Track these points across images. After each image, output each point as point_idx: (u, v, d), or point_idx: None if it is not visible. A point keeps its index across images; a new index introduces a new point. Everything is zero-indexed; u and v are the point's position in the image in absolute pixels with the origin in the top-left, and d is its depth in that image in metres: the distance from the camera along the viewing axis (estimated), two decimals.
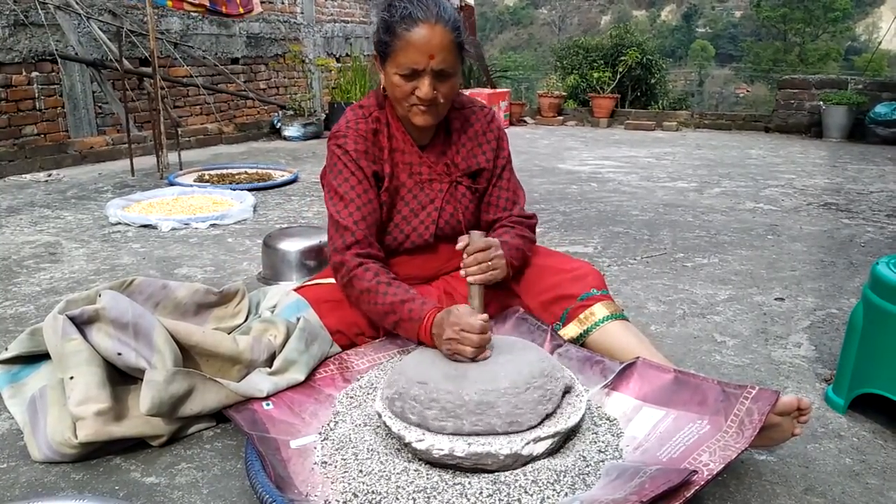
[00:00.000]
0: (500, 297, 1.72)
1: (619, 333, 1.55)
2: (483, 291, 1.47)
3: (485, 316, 1.35)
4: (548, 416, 1.25)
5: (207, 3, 4.74)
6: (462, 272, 1.47)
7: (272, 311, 1.73)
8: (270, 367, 1.50)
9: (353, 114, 1.66)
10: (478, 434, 1.20)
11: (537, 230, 1.82)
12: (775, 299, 2.33)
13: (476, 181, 1.72)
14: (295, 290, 1.77)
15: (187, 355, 1.48)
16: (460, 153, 1.70)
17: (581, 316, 1.58)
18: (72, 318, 1.40)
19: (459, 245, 1.46)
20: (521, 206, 1.76)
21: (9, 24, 4.71)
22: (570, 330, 1.59)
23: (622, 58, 9.06)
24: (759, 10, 35.11)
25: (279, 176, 4.60)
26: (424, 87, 1.49)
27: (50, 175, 4.67)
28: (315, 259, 2.44)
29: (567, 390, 1.33)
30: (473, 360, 1.32)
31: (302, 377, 1.49)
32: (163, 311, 1.71)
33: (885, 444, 1.43)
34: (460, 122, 1.70)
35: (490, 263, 1.47)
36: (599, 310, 1.58)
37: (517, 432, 1.21)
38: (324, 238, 2.47)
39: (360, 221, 1.57)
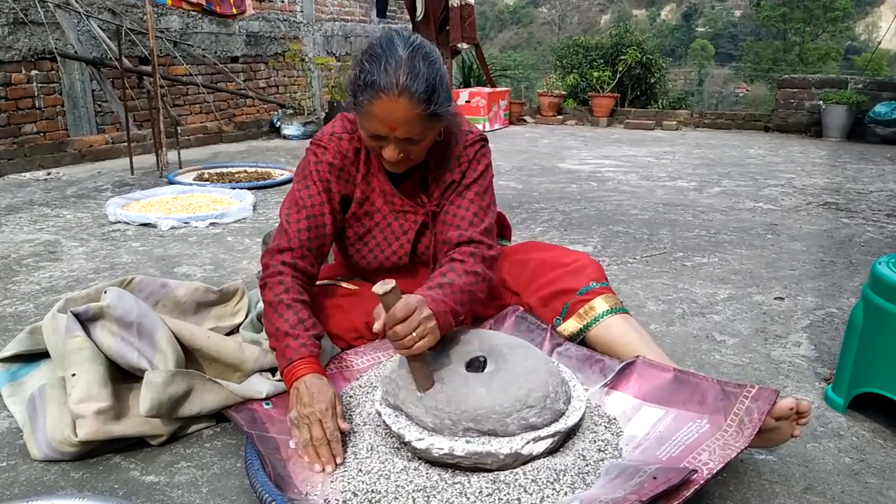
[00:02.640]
0: (499, 297, 1.72)
1: (620, 328, 1.54)
2: (422, 361, 1.26)
3: (346, 427, 1.27)
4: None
5: (204, 3, 4.74)
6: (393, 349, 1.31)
7: None
8: (272, 374, 1.50)
9: (342, 126, 1.58)
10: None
11: (536, 230, 1.81)
12: (775, 298, 2.33)
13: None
14: None
15: (190, 356, 1.48)
16: (436, 182, 1.59)
17: (581, 311, 1.58)
18: (76, 315, 1.40)
19: (375, 327, 1.23)
20: (484, 229, 1.54)
21: (8, 23, 4.70)
22: (571, 325, 1.59)
23: (622, 57, 9.07)
24: (759, 9, 35.11)
25: (279, 175, 4.60)
26: (388, 152, 1.40)
27: (49, 173, 4.67)
28: None
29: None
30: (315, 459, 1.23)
31: None
32: (162, 309, 1.71)
33: (885, 444, 1.43)
34: (440, 150, 1.57)
35: (416, 333, 1.22)
36: (599, 304, 1.57)
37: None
38: None
39: (304, 231, 1.50)
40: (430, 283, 1.42)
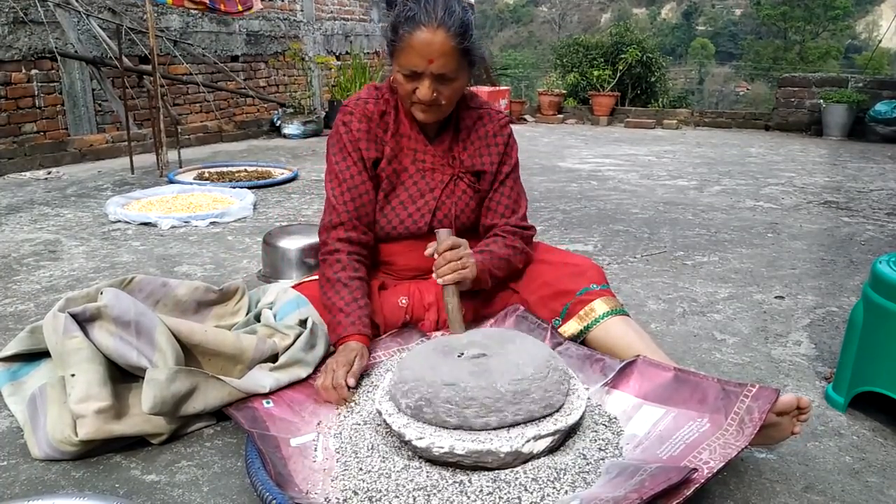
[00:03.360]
0: (499, 295, 1.72)
1: (620, 330, 1.54)
2: (457, 293, 1.48)
3: (351, 382, 1.42)
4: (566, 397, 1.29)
5: (207, 1, 4.73)
6: (434, 275, 1.49)
7: (271, 308, 1.73)
8: (273, 362, 1.50)
9: (367, 92, 1.68)
10: (518, 424, 1.22)
11: (537, 229, 1.82)
12: (775, 297, 2.33)
13: (478, 182, 1.71)
14: (293, 287, 1.76)
15: (189, 354, 1.48)
16: (467, 150, 1.69)
17: (581, 312, 1.58)
18: (74, 316, 1.40)
19: (428, 251, 1.48)
20: (521, 215, 1.73)
21: (8, 22, 4.70)
22: (570, 326, 1.59)
23: (622, 56, 9.06)
24: (760, 8, 35.08)
25: (279, 174, 4.60)
26: (423, 89, 1.50)
27: (49, 173, 4.67)
28: (315, 257, 2.43)
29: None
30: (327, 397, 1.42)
31: (305, 374, 1.49)
32: (163, 308, 1.71)
33: (885, 443, 1.43)
34: (472, 121, 1.70)
35: (459, 262, 1.48)
36: (599, 306, 1.57)
37: (550, 415, 1.24)
38: None
39: (349, 202, 1.62)
40: (475, 249, 1.60)
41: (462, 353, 1.34)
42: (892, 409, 1.51)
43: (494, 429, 1.21)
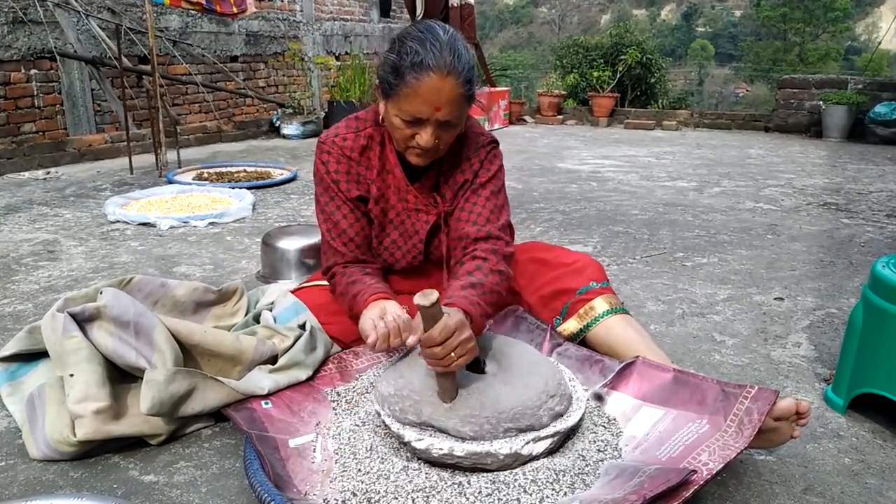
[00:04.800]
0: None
1: (620, 328, 1.54)
2: (454, 375, 1.23)
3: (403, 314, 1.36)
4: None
5: (204, 2, 4.74)
6: (428, 366, 1.23)
7: (270, 310, 1.73)
8: (273, 363, 1.50)
9: (346, 126, 1.59)
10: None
11: (536, 230, 1.81)
12: (775, 299, 2.33)
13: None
14: (292, 292, 1.76)
15: (188, 355, 1.47)
16: (448, 182, 1.60)
17: (581, 311, 1.57)
18: (73, 316, 1.40)
19: (411, 340, 1.24)
20: (500, 226, 1.55)
21: (7, 22, 4.70)
22: (570, 325, 1.59)
23: (622, 57, 9.06)
24: (759, 9, 35.12)
25: (278, 174, 4.59)
26: (426, 136, 1.40)
27: (48, 173, 4.66)
28: (314, 258, 2.44)
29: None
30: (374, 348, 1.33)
31: (304, 377, 1.49)
32: (161, 309, 1.71)
33: (885, 444, 1.43)
34: (453, 153, 1.58)
35: (453, 355, 1.18)
36: (600, 304, 1.57)
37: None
38: None
39: (350, 243, 1.58)
40: (461, 281, 1.41)
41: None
42: (892, 410, 1.51)
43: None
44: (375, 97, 1.52)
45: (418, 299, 1.14)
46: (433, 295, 1.14)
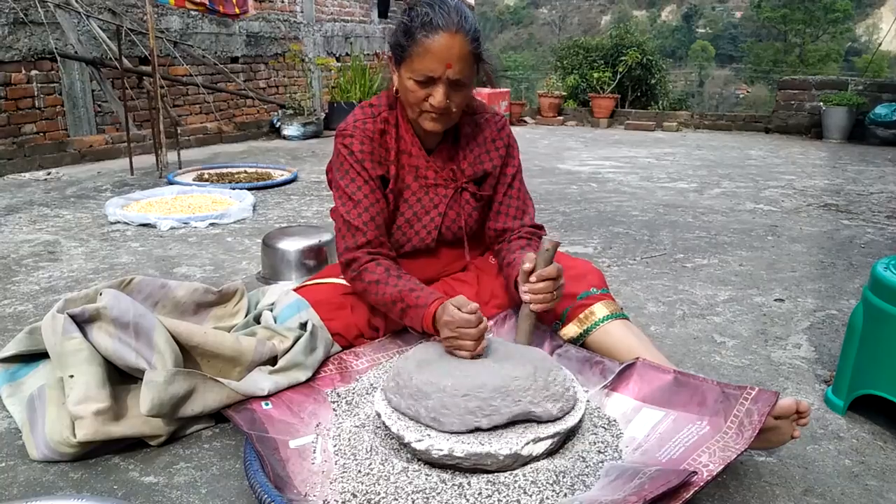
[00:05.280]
0: (499, 298, 1.72)
1: (620, 333, 1.54)
2: (534, 316, 1.45)
3: (475, 305, 1.34)
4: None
5: (207, 2, 4.74)
6: (525, 296, 1.43)
7: (271, 310, 1.73)
8: (273, 364, 1.50)
9: (362, 112, 1.64)
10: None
11: None
12: (775, 300, 2.33)
13: (481, 187, 1.70)
14: (294, 290, 1.76)
15: (188, 356, 1.47)
16: (467, 159, 1.67)
17: (581, 315, 1.58)
18: (73, 317, 1.40)
19: (526, 266, 1.40)
20: (532, 216, 1.73)
21: (8, 23, 4.70)
22: (570, 330, 1.59)
23: (622, 58, 9.07)
24: (760, 10, 35.13)
25: (279, 175, 4.60)
26: (438, 96, 1.47)
27: (49, 174, 4.67)
28: (314, 259, 2.44)
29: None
30: (473, 354, 1.32)
31: (304, 378, 1.49)
32: (162, 310, 1.71)
33: (885, 446, 1.43)
34: (470, 128, 1.67)
35: (556, 293, 1.42)
36: (599, 309, 1.57)
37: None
38: (323, 237, 2.47)
39: (370, 222, 1.58)
40: (517, 258, 1.55)
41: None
42: (892, 412, 1.51)
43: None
44: (390, 75, 1.59)
45: (547, 239, 1.39)
46: (556, 240, 1.40)
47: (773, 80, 20.10)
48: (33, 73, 4.94)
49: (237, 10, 5.04)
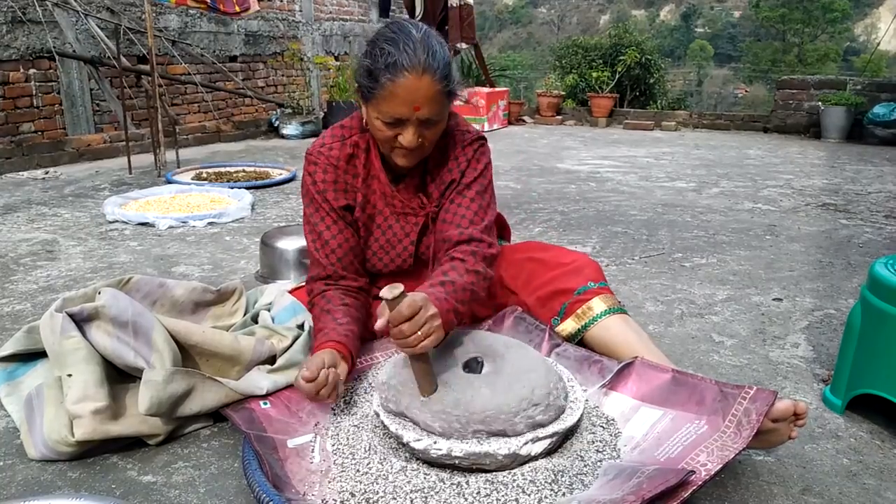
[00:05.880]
0: (497, 296, 1.72)
1: (618, 328, 1.53)
2: (426, 362, 1.25)
3: (315, 371, 1.27)
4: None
5: (209, 0, 4.74)
6: (396, 349, 1.34)
7: (269, 310, 1.73)
8: (272, 363, 1.50)
9: (332, 135, 1.60)
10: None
11: (535, 230, 1.80)
12: (773, 299, 2.33)
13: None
14: (290, 291, 1.76)
15: (186, 355, 1.47)
16: (435, 182, 1.60)
17: (579, 311, 1.57)
18: (71, 316, 1.40)
19: (378, 325, 1.23)
20: (482, 227, 1.54)
21: (6, 21, 4.69)
22: (569, 325, 1.58)
23: (621, 57, 9.07)
24: (758, 10, 35.16)
25: (277, 174, 4.59)
26: (408, 136, 1.40)
27: (47, 172, 4.66)
28: None
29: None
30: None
31: None
32: (160, 309, 1.71)
33: (883, 445, 1.43)
34: (439, 151, 1.58)
35: (420, 333, 1.20)
36: (598, 304, 1.56)
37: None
38: None
39: (331, 255, 1.57)
40: (431, 280, 1.42)
41: (464, 364, 1.33)
42: (890, 411, 1.51)
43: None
44: (357, 105, 1.52)
45: (384, 293, 1.17)
46: (398, 288, 1.18)
47: (772, 79, 20.12)
48: (31, 71, 4.93)
49: (237, 9, 5.04)
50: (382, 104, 1.38)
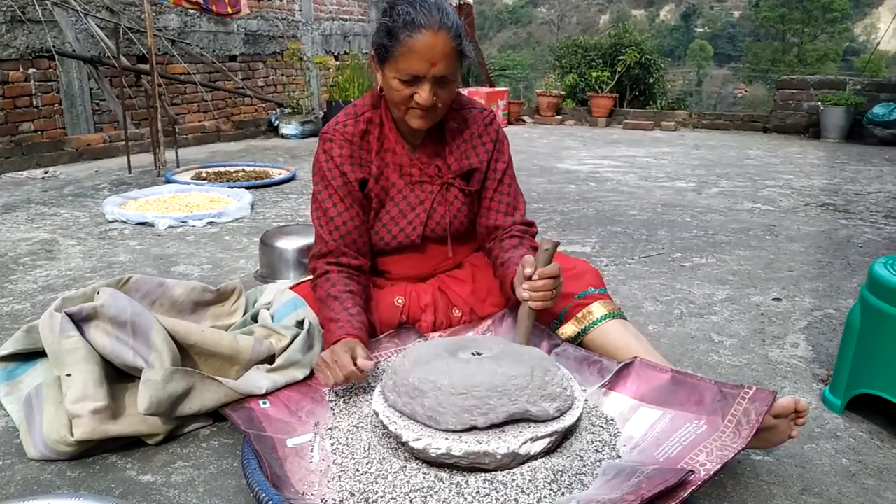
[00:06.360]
0: (497, 297, 1.72)
1: (617, 332, 1.54)
2: (534, 314, 1.44)
3: (363, 366, 1.36)
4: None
5: (201, 1, 4.74)
6: (523, 294, 1.40)
7: (268, 309, 1.73)
8: (270, 363, 1.50)
9: (345, 114, 1.66)
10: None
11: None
12: (773, 299, 2.33)
13: (469, 183, 1.69)
14: (291, 287, 1.76)
15: (186, 354, 1.47)
16: (454, 154, 1.67)
17: (579, 315, 1.58)
18: (70, 316, 1.40)
19: (527, 271, 1.37)
20: (522, 213, 1.71)
21: (6, 21, 4.69)
22: (568, 329, 1.59)
23: (621, 57, 9.06)
24: (758, 10, 35.15)
25: (277, 174, 4.59)
26: (424, 94, 1.47)
27: (47, 172, 4.66)
28: None
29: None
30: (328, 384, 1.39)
31: (301, 376, 1.49)
32: (159, 308, 1.70)
33: (882, 445, 1.43)
34: (456, 123, 1.66)
35: (555, 292, 1.40)
36: (597, 308, 1.57)
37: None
38: None
39: (335, 231, 1.60)
40: (520, 251, 1.56)
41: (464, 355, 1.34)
42: (889, 411, 1.51)
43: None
44: (373, 74, 1.60)
45: (546, 239, 1.38)
46: (556, 240, 1.40)
47: (772, 79, 20.13)
48: (31, 71, 4.93)
49: (229, 10, 5.05)
50: (401, 61, 1.45)
